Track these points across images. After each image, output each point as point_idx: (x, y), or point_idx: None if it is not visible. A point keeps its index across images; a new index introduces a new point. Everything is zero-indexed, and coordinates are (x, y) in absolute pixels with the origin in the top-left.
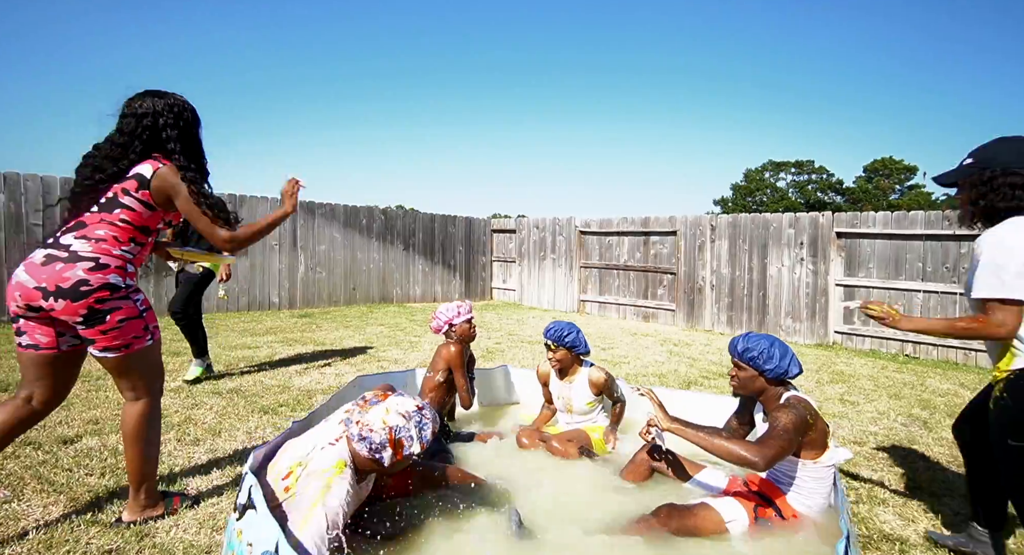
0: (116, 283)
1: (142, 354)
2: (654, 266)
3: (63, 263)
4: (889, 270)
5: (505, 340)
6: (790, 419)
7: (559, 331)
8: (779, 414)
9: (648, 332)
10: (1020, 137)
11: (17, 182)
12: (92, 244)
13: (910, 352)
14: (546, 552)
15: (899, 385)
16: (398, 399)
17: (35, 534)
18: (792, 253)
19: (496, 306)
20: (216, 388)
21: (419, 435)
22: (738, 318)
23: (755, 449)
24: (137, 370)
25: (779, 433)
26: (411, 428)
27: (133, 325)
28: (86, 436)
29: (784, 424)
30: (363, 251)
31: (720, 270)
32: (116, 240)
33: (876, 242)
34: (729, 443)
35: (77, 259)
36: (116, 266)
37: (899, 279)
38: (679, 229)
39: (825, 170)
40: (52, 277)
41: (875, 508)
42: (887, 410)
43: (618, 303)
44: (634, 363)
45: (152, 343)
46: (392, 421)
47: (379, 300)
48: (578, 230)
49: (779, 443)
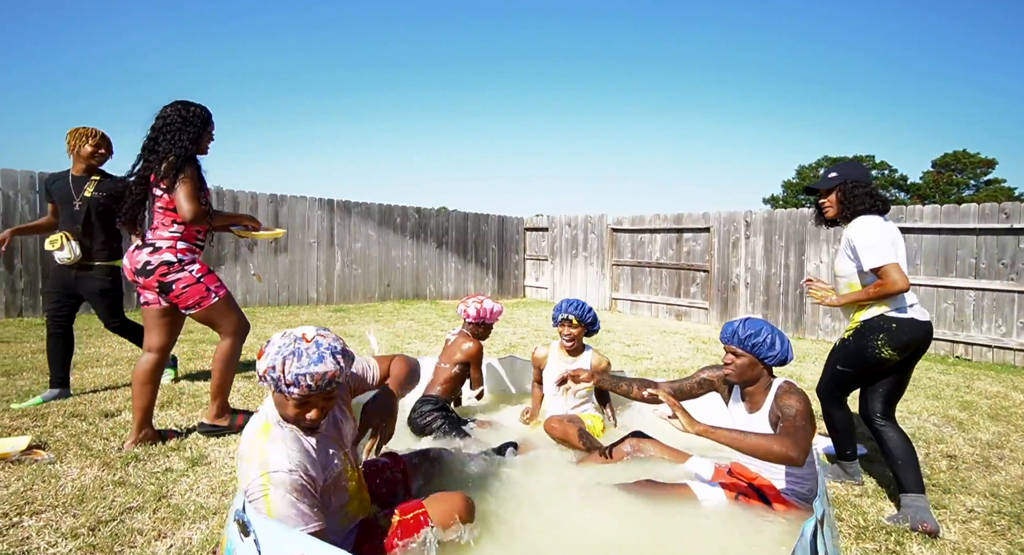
0: (169, 259)
1: (214, 308)
2: (687, 263)
3: (137, 250)
4: (938, 267)
5: (531, 335)
6: (803, 405)
7: (582, 307)
8: (790, 401)
9: (678, 330)
10: (856, 161)
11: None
12: (151, 233)
13: (961, 353)
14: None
15: (941, 386)
16: (310, 327)
17: (71, 490)
18: (832, 249)
19: (528, 304)
20: (246, 373)
21: (273, 357)
22: (774, 316)
23: (789, 443)
24: (216, 320)
25: (801, 423)
26: (274, 345)
27: (196, 289)
28: (125, 411)
29: (800, 411)
30: (397, 249)
31: (755, 267)
32: (163, 225)
33: (924, 237)
34: (766, 440)
35: (143, 246)
36: (167, 247)
37: (949, 276)
38: (712, 225)
39: (887, 165)
40: (132, 262)
41: (879, 502)
42: (920, 410)
43: (650, 301)
44: (657, 359)
45: (218, 300)
46: (275, 335)
47: (412, 296)
48: (610, 228)
49: (806, 432)
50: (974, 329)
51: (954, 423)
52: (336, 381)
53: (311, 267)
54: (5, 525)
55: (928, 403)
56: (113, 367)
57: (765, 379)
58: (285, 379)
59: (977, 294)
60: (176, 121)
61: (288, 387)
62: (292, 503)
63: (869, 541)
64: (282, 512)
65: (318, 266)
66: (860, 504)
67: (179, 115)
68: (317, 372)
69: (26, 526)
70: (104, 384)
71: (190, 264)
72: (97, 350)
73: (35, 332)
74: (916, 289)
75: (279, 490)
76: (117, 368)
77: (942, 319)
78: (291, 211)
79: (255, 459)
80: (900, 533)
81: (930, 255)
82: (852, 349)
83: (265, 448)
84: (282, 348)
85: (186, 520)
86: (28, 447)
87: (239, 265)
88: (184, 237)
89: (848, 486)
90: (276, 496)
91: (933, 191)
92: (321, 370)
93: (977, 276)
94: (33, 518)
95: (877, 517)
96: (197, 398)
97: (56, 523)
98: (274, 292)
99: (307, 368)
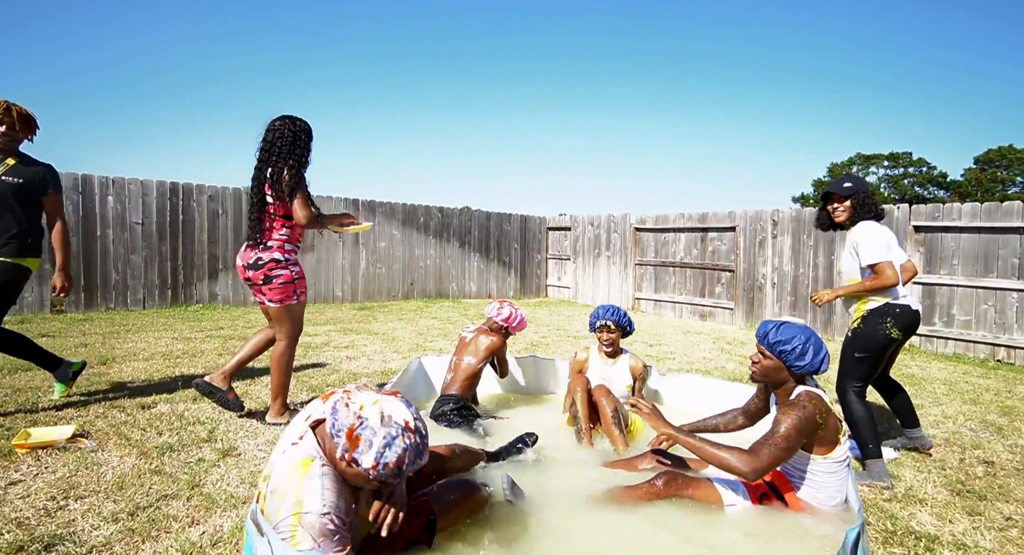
0: (278, 258)
1: (289, 309)
2: (712, 263)
3: (250, 249)
4: (977, 267)
5: (552, 334)
6: (793, 423)
7: (618, 312)
8: (783, 417)
9: (702, 330)
10: (857, 176)
11: (122, 186)
12: (264, 234)
13: (1003, 357)
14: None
15: (979, 390)
16: (399, 403)
17: (111, 477)
18: None
19: (550, 303)
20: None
21: (380, 449)
22: (801, 317)
23: (746, 459)
24: (284, 319)
25: (776, 441)
26: (378, 434)
27: (287, 288)
28: (160, 403)
29: (785, 430)
30: (420, 248)
31: (782, 267)
32: (273, 228)
33: (962, 236)
34: (720, 452)
35: (256, 245)
36: (276, 247)
37: (989, 277)
38: (738, 224)
39: (925, 162)
40: (244, 258)
41: (910, 507)
42: (955, 414)
43: (674, 301)
44: (680, 358)
45: (296, 304)
46: (368, 413)
47: (435, 295)
48: (633, 227)
49: (774, 452)
50: (1017, 332)
51: (993, 428)
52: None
53: (336, 266)
54: (53, 508)
55: (965, 407)
56: (149, 362)
57: (791, 385)
58: (392, 473)
59: (1020, 296)
60: (287, 135)
61: (390, 478)
62: (320, 550)
63: (897, 546)
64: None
65: (343, 265)
66: (888, 508)
67: (289, 130)
68: (421, 465)
69: (72, 509)
70: (141, 377)
71: (293, 265)
72: (134, 345)
73: (78, 327)
74: (953, 289)
75: (306, 534)
76: (152, 362)
77: (981, 321)
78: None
79: (289, 495)
80: (930, 539)
81: (969, 255)
82: (864, 334)
83: (302, 485)
84: (391, 441)
85: (217, 508)
86: (73, 436)
87: None
88: (290, 239)
89: (875, 490)
90: (303, 540)
91: (975, 188)
92: (422, 462)
93: (1020, 277)
94: (78, 502)
95: (907, 523)
96: None
97: (98, 507)
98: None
99: (415, 464)
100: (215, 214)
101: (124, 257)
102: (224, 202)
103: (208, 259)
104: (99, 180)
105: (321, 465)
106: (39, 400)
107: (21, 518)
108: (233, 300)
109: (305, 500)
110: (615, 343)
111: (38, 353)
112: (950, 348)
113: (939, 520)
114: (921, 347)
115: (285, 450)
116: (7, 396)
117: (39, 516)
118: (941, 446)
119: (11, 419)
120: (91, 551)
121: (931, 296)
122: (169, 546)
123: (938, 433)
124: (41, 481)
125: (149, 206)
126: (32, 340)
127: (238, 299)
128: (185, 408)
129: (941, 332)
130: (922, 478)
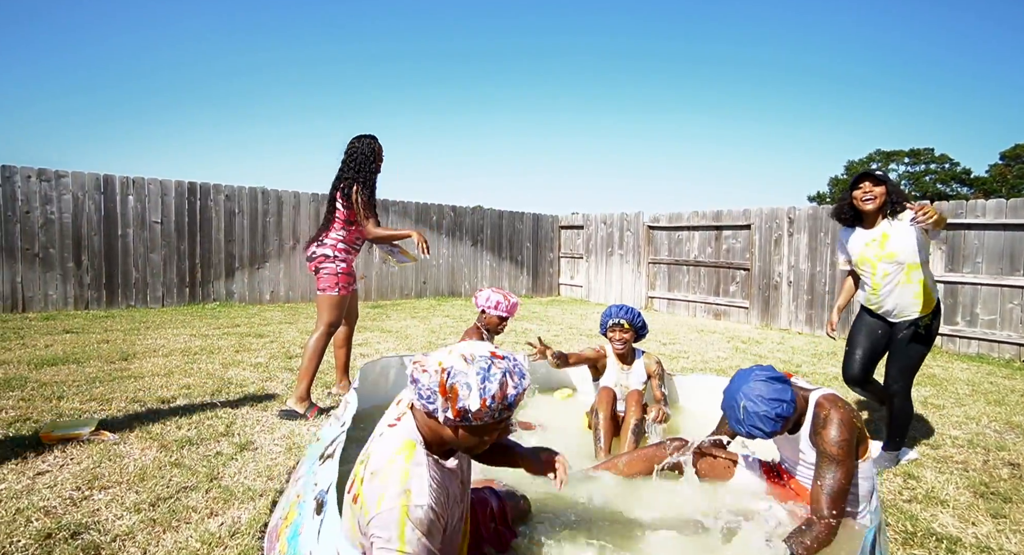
0: (327, 254)
1: (329, 299)
2: (726, 262)
3: (312, 243)
4: (1003, 265)
5: (564, 332)
6: (844, 434)
7: (631, 311)
8: (829, 436)
9: (716, 329)
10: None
11: (142, 185)
12: (324, 232)
13: None
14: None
15: (1004, 391)
16: (473, 343)
17: (133, 469)
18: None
19: (563, 302)
20: (288, 365)
21: (480, 385)
22: (818, 316)
23: (840, 508)
24: (324, 307)
25: (844, 471)
26: (470, 374)
27: (330, 279)
28: (179, 398)
29: (842, 448)
30: (433, 246)
31: (798, 266)
32: (334, 229)
33: (986, 233)
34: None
35: (315, 241)
36: (330, 245)
37: (1015, 274)
38: (753, 222)
39: (948, 158)
40: (307, 251)
41: (931, 508)
42: (978, 415)
43: (687, 300)
44: (694, 358)
45: (336, 295)
46: (449, 362)
47: (448, 294)
48: (646, 225)
49: (848, 479)
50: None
51: (1019, 430)
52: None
53: None
54: (78, 497)
55: (989, 408)
56: (168, 357)
57: (800, 406)
58: (503, 403)
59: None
60: (364, 152)
61: (503, 412)
62: (425, 548)
63: (918, 547)
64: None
65: (357, 263)
66: (908, 508)
67: (365, 148)
68: (527, 385)
69: (96, 499)
70: (161, 372)
71: (340, 262)
72: (153, 342)
73: (100, 324)
74: (977, 288)
75: (415, 530)
76: (172, 358)
77: (1007, 320)
78: None
79: (395, 479)
80: (952, 541)
81: (993, 252)
82: (932, 331)
83: (408, 470)
84: (486, 374)
85: (235, 500)
86: (96, 428)
87: (282, 262)
88: (344, 240)
89: (894, 490)
90: (411, 535)
91: (1000, 185)
92: (527, 383)
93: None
94: (102, 493)
95: (929, 524)
96: (243, 388)
97: (121, 498)
98: (315, 288)
99: (520, 386)
100: (231, 213)
101: (144, 256)
102: (240, 201)
103: (225, 258)
104: (120, 180)
105: (425, 453)
106: (64, 393)
107: (48, 507)
108: (249, 298)
109: (414, 488)
110: (627, 343)
111: None
112: (973, 348)
113: (962, 522)
114: (943, 347)
115: (383, 432)
116: (34, 389)
117: (65, 505)
118: (964, 447)
119: (37, 412)
120: (115, 540)
121: (953, 295)
122: (189, 536)
123: (960, 434)
124: (67, 472)
125: (168, 205)
126: None
127: (254, 297)
128: (203, 402)
129: (964, 332)
130: (943, 479)
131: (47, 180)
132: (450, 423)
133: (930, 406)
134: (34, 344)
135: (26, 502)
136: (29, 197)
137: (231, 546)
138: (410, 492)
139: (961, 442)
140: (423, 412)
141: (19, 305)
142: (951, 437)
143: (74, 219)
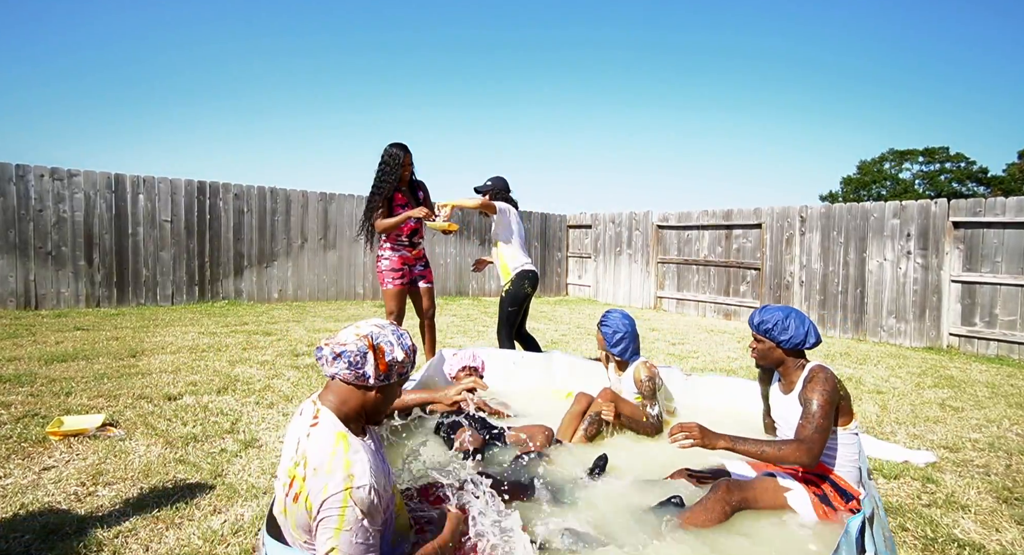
0: (380, 253)
1: (385, 291)
2: (737, 261)
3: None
4: (1023, 264)
5: (572, 332)
6: (824, 397)
7: (615, 322)
8: (811, 395)
9: (726, 329)
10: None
11: (152, 184)
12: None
13: None
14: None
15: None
16: (365, 320)
17: (138, 465)
18: (897, 246)
19: (570, 301)
20: (295, 363)
21: (399, 341)
22: (831, 317)
23: (803, 448)
24: (385, 298)
25: (817, 420)
26: (387, 334)
27: (382, 274)
28: (186, 395)
29: (819, 406)
30: (440, 246)
31: (810, 265)
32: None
33: (1006, 232)
34: (778, 450)
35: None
36: (379, 245)
37: None
38: (764, 221)
39: (963, 157)
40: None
41: (952, 513)
42: (999, 418)
43: (697, 300)
44: (703, 358)
45: (388, 288)
46: (365, 330)
47: (455, 293)
48: (655, 225)
49: (821, 431)
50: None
51: None
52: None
53: (358, 263)
54: (83, 493)
55: (1010, 411)
56: (176, 355)
57: (794, 361)
58: (412, 353)
59: None
60: (383, 159)
61: (410, 367)
62: (364, 529)
63: (938, 554)
64: (349, 539)
65: (364, 263)
66: (928, 513)
67: (384, 156)
68: (410, 344)
69: (100, 495)
70: (168, 369)
71: (385, 259)
72: (162, 339)
73: (111, 321)
74: (996, 288)
75: (356, 511)
76: (179, 355)
77: None
78: (339, 209)
79: (338, 470)
80: (974, 547)
81: (1013, 252)
82: (512, 293)
83: (349, 459)
84: (398, 333)
85: (239, 498)
86: (102, 424)
87: (290, 261)
88: (388, 239)
89: (914, 495)
90: (351, 517)
91: (1019, 184)
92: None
93: None
94: (106, 488)
95: (950, 530)
96: (250, 386)
97: (125, 494)
98: (323, 287)
99: (407, 342)
100: (240, 212)
101: (154, 254)
102: (249, 200)
103: (234, 256)
104: (131, 179)
105: (359, 440)
106: (72, 389)
107: (53, 502)
108: (257, 296)
109: (356, 474)
110: (604, 352)
111: None
112: (992, 350)
113: (985, 528)
114: (960, 348)
115: (308, 434)
116: (43, 385)
117: (70, 501)
118: (985, 450)
119: (45, 407)
120: (118, 536)
121: (971, 295)
122: (191, 533)
123: (981, 437)
124: (72, 467)
125: (178, 204)
126: None
127: (262, 295)
128: (209, 400)
129: (982, 333)
130: (964, 484)
131: (59, 179)
132: (378, 381)
133: (948, 408)
134: (45, 341)
135: (31, 497)
136: (42, 196)
137: (233, 543)
138: (353, 476)
139: (982, 445)
140: (346, 383)
141: (32, 302)
142: (971, 440)
143: (86, 218)
